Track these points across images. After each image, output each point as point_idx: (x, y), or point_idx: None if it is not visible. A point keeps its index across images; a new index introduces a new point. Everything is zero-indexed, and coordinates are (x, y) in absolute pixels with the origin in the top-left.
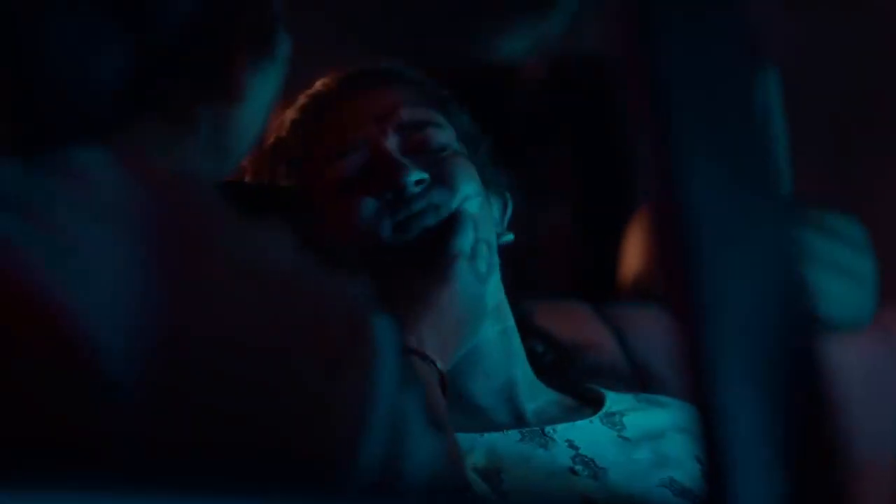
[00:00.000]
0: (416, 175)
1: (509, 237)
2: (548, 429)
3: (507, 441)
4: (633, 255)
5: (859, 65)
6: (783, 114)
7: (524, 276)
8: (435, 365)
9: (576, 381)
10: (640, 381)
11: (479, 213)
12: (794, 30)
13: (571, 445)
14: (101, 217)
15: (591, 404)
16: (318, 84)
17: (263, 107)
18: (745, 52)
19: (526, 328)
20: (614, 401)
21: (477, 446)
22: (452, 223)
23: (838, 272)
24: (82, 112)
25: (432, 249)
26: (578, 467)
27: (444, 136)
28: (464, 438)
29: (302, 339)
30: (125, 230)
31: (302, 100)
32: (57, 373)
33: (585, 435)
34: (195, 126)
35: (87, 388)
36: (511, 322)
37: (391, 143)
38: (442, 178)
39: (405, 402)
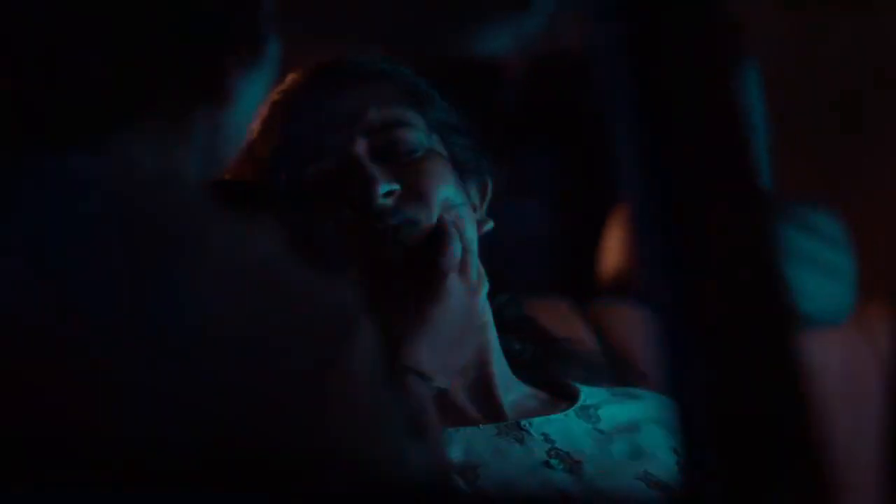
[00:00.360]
0: (385, 187)
1: (489, 225)
2: (523, 422)
3: (483, 436)
4: (613, 251)
5: (840, 60)
6: (764, 109)
7: (504, 272)
8: (432, 382)
9: (551, 375)
10: (618, 375)
11: (461, 217)
12: (776, 25)
13: (547, 439)
14: (90, 219)
15: (566, 398)
16: (288, 80)
17: (251, 110)
18: (726, 47)
19: (504, 323)
20: (589, 394)
21: (454, 441)
22: (438, 237)
23: (817, 268)
24: (74, 115)
25: (421, 266)
26: (554, 461)
27: (415, 135)
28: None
29: (287, 336)
30: (113, 230)
31: (273, 96)
32: (42, 375)
33: (561, 428)
34: (187, 129)
35: (74, 387)
36: (489, 317)
37: (360, 148)
38: (414, 188)
39: (387, 405)
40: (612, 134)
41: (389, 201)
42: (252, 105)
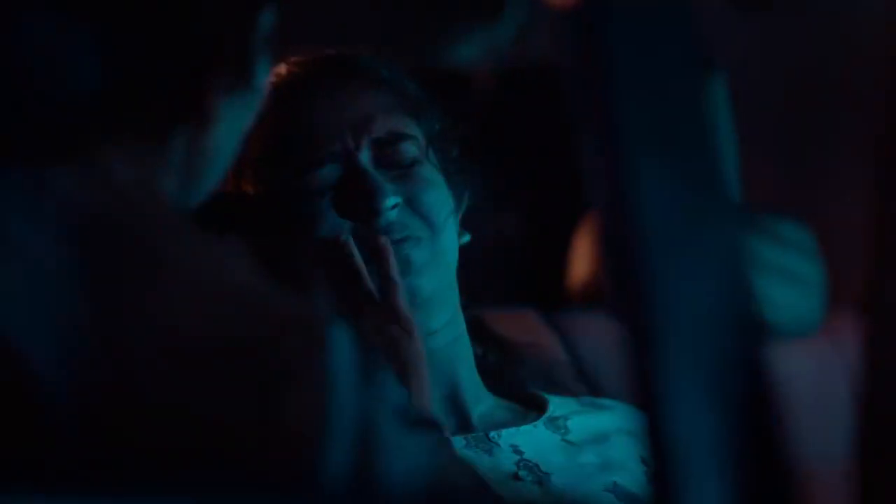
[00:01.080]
0: (392, 200)
1: (466, 238)
2: (492, 434)
3: None
4: (581, 260)
5: (808, 69)
6: (732, 118)
7: (473, 282)
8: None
9: (520, 386)
10: (587, 385)
11: (449, 236)
12: (743, 33)
13: (516, 450)
14: (57, 231)
15: (535, 409)
16: (283, 70)
17: (237, 132)
18: (695, 57)
19: (471, 332)
20: (558, 405)
21: None
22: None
23: (786, 278)
24: (52, 124)
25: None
26: (522, 472)
27: (415, 147)
28: None
29: (252, 351)
30: (79, 243)
31: (272, 87)
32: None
33: (530, 440)
34: (166, 146)
35: (35, 401)
36: (462, 329)
37: (364, 157)
38: (416, 202)
39: (372, 409)
40: (581, 144)
41: (394, 214)
42: (235, 129)
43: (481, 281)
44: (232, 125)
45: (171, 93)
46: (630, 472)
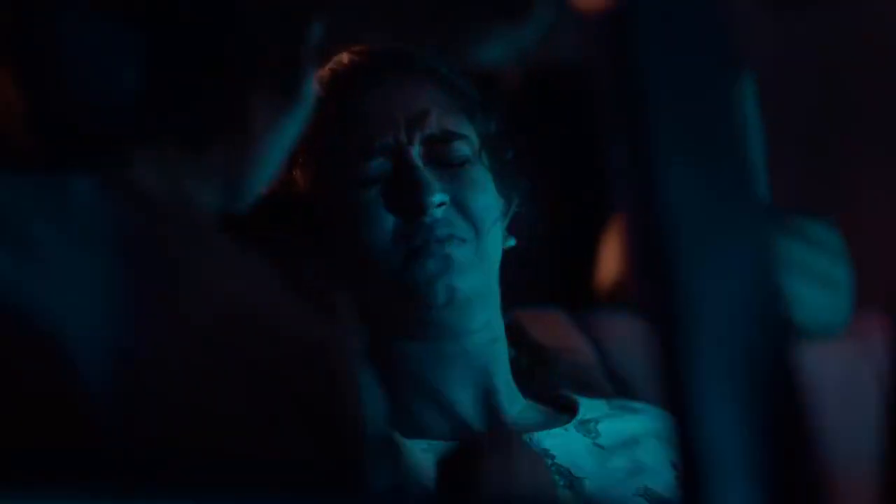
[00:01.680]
0: (438, 197)
1: (511, 242)
2: (524, 437)
3: None
4: (610, 262)
5: (836, 69)
6: (760, 119)
7: (503, 283)
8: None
9: (550, 388)
10: (616, 387)
11: (494, 239)
12: (770, 34)
13: (547, 454)
14: (87, 239)
15: (565, 411)
16: (339, 61)
17: (282, 147)
18: (723, 57)
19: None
20: (588, 408)
21: None
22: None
23: (814, 279)
24: (92, 130)
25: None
26: (554, 476)
27: (467, 147)
28: (443, 446)
29: (277, 372)
30: (109, 252)
31: (323, 75)
32: (42, 397)
33: (561, 443)
34: (205, 160)
35: (72, 408)
36: (501, 332)
37: (415, 152)
38: (463, 204)
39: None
40: (609, 144)
41: (440, 212)
42: (280, 144)
43: (510, 282)
44: (277, 142)
45: (216, 108)
46: (661, 476)
